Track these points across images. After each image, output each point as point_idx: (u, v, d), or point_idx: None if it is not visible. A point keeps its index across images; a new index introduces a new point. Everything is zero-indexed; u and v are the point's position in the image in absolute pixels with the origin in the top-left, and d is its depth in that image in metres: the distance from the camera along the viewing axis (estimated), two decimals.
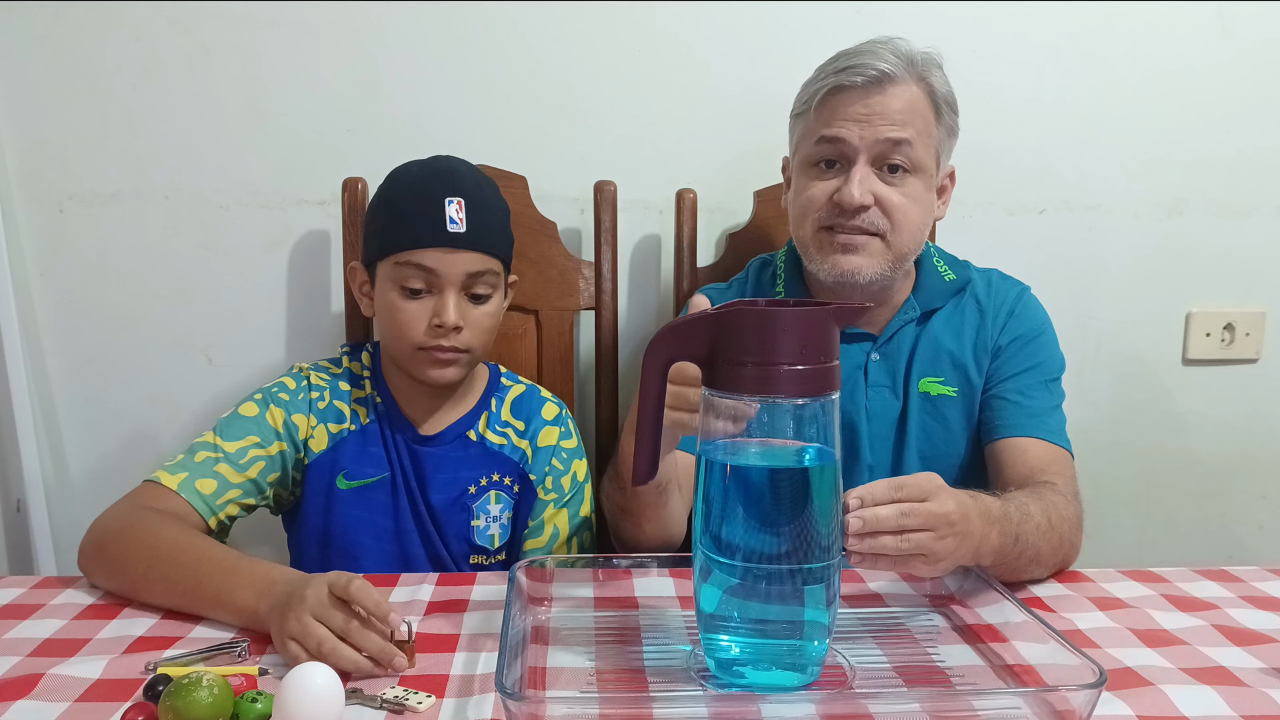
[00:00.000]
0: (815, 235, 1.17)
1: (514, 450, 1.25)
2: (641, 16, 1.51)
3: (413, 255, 1.14)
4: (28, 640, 0.89)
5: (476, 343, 1.17)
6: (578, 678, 0.81)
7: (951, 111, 1.17)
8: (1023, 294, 1.26)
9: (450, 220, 1.13)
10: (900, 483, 0.83)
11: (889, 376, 1.23)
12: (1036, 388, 1.20)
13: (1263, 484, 1.71)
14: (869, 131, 1.12)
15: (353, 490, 1.20)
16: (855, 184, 1.11)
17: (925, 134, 1.14)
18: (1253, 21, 1.56)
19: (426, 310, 1.15)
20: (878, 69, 1.11)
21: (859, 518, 0.80)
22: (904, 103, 1.12)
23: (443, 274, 1.14)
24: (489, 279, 1.17)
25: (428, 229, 1.14)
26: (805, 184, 1.18)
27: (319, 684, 0.71)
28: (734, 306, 0.76)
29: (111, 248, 1.50)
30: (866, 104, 1.12)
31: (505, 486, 1.24)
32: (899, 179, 1.14)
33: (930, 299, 1.23)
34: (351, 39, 1.48)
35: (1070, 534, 1.04)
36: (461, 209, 1.14)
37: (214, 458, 1.13)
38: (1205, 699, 0.78)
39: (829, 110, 1.14)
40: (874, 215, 1.13)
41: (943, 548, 0.84)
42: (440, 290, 1.14)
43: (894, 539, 0.81)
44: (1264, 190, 1.63)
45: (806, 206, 1.17)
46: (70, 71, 1.46)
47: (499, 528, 1.24)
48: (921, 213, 1.16)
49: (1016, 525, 0.95)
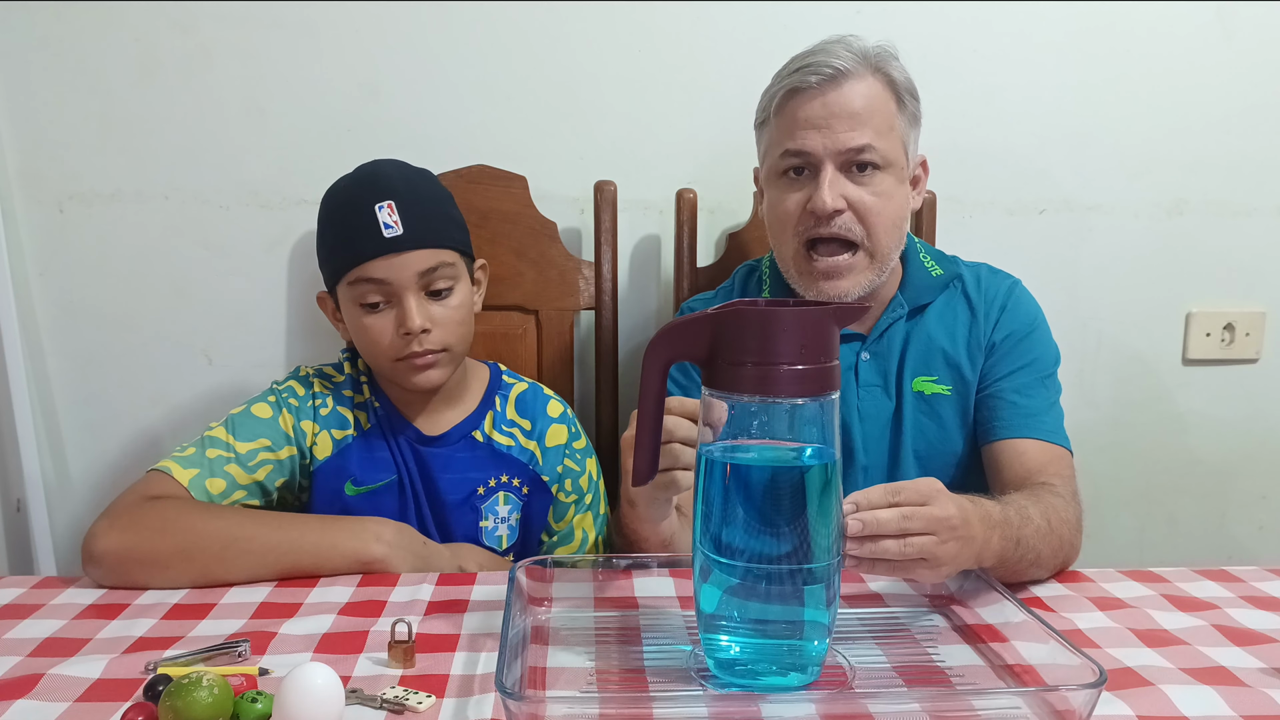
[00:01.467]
0: (795, 257, 1.16)
1: (522, 451, 1.24)
2: (641, 17, 1.51)
3: (361, 270, 1.13)
4: (28, 640, 0.89)
5: (451, 338, 1.16)
6: (578, 678, 0.81)
7: (913, 99, 1.16)
8: (1013, 288, 1.25)
9: (385, 225, 1.11)
10: (898, 488, 0.83)
11: (880, 376, 1.22)
12: (1033, 385, 1.20)
13: (1263, 484, 1.71)
14: (830, 140, 1.11)
15: (361, 496, 1.20)
16: (825, 190, 1.11)
17: (888, 126, 1.13)
18: (1253, 21, 1.56)
19: (391, 321, 1.13)
20: (833, 66, 1.10)
21: (859, 520, 0.80)
22: (863, 98, 1.11)
23: (394, 281, 1.12)
24: (445, 272, 1.15)
25: (366, 240, 1.12)
26: (777, 196, 1.17)
27: (319, 684, 0.71)
28: (734, 306, 0.76)
29: (111, 248, 1.50)
30: (824, 103, 1.11)
31: (514, 488, 1.23)
32: (868, 177, 1.13)
33: (918, 295, 1.23)
34: (351, 39, 1.48)
35: (1070, 536, 1.04)
36: (394, 211, 1.12)
37: (226, 456, 1.13)
38: (1205, 699, 0.78)
39: (788, 117, 1.13)
40: (848, 220, 1.12)
41: (945, 552, 0.84)
42: (398, 297, 1.13)
43: (896, 543, 0.81)
44: (1264, 190, 1.63)
45: (783, 220, 1.16)
46: (70, 71, 1.46)
47: (507, 529, 1.23)
48: (896, 208, 1.15)
49: (1017, 529, 0.95)
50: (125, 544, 1.01)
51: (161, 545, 1.01)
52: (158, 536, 1.02)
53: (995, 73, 1.56)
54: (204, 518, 1.06)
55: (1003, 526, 0.92)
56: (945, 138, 1.54)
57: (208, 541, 1.03)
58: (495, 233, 1.48)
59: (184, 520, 1.05)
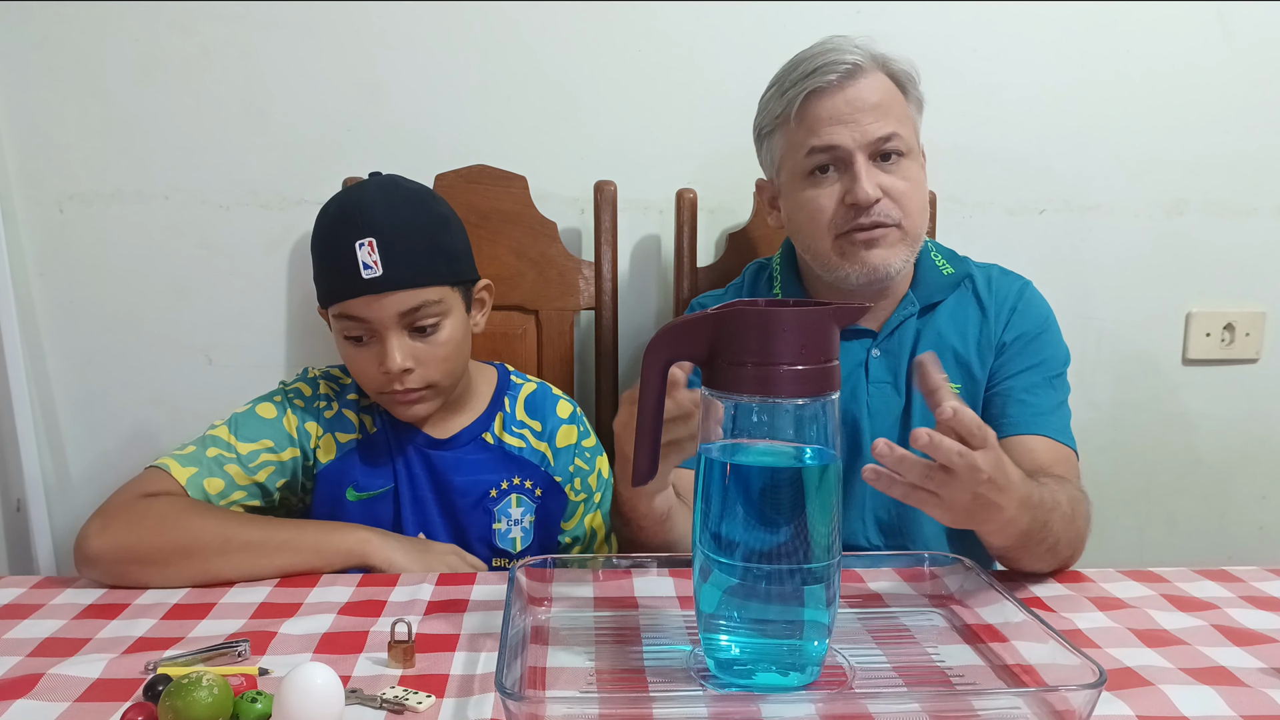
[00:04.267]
0: (835, 244, 1.16)
1: (534, 453, 1.24)
2: (641, 17, 1.51)
3: (342, 307, 1.10)
4: (28, 640, 0.89)
5: (436, 375, 1.13)
6: (578, 678, 0.81)
7: (915, 85, 1.19)
8: (1024, 289, 1.26)
9: (364, 266, 1.06)
10: (980, 422, 0.82)
11: (890, 373, 1.22)
12: (1041, 385, 1.20)
13: (1263, 484, 1.72)
14: (858, 133, 1.13)
15: (360, 502, 1.19)
16: (864, 181, 1.12)
17: (904, 117, 1.16)
18: (1253, 21, 1.56)
19: (374, 356, 1.11)
20: (848, 62, 1.13)
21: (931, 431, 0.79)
22: (878, 93, 1.14)
23: (374, 320, 1.09)
24: (429, 310, 1.10)
25: (344, 280, 1.08)
26: (808, 196, 1.17)
27: (319, 684, 0.71)
28: (734, 306, 0.76)
29: (111, 248, 1.51)
30: (846, 99, 1.13)
31: (527, 490, 1.23)
32: (895, 165, 1.15)
33: (929, 293, 1.23)
34: (351, 39, 1.48)
35: (1084, 528, 1.04)
36: (374, 250, 1.06)
37: (226, 456, 1.12)
38: (1205, 699, 0.78)
39: (811, 118, 1.14)
40: (886, 206, 1.14)
41: (956, 498, 0.82)
42: (380, 335, 1.10)
43: (923, 466, 0.80)
44: (1264, 190, 1.63)
45: (816, 218, 1.16)
46: (70, 71, 1.46)
47: (520, 531, 1.23)
48: (923, 192, 1.18)
49: (1048, 512, 0.95)
50: (120, 543, 1.01)
51: (158, 543, 1.01)
52: (153, 535, 1.01)
53: (995, 73, 1.56)
54: (200, 515, 1.06)
55: (1036, 509, 0.92)
56: (945, 138, 1.54)
57: (206, 538, 1.02)
58: (495, 233, 1.48)
59: (180, 518, 1.04)
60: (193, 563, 1.01)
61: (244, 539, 1.03)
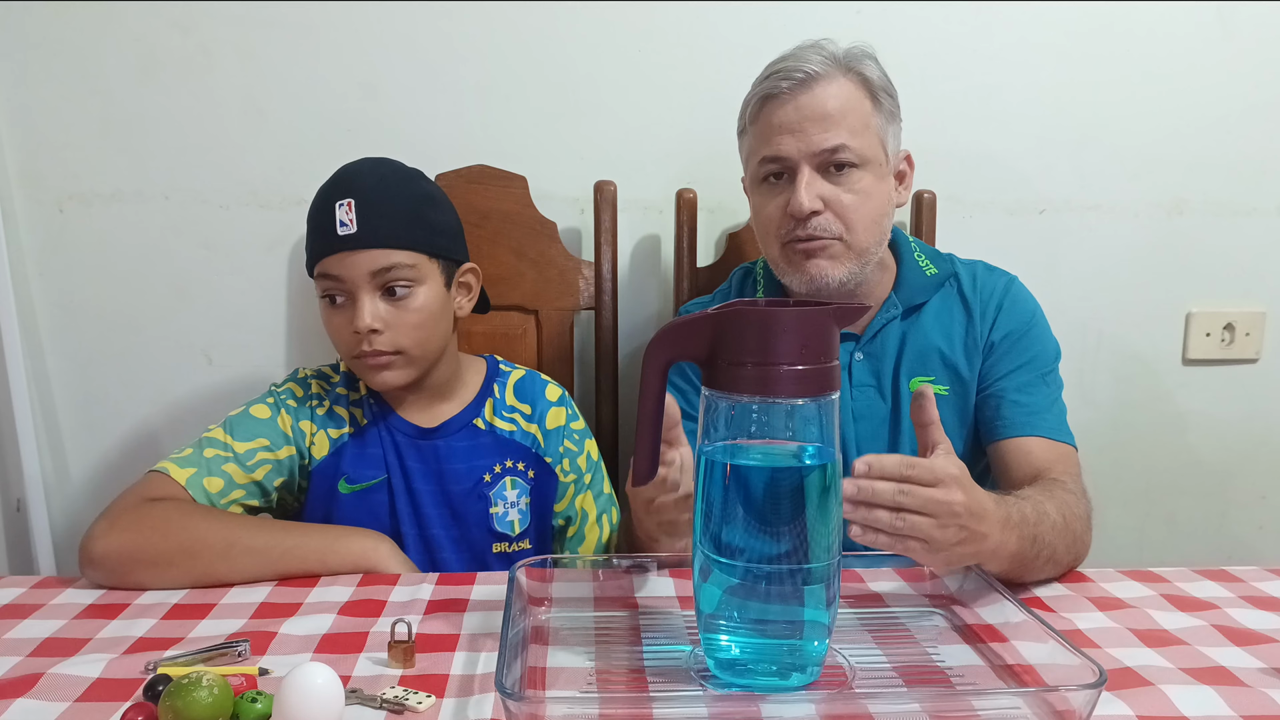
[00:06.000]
0: (781, 252, 1.17)
1: (524, 436, 1.25)
2: (640, 17, 1.51)
3: (321, 265, 1.14)
4: (28, 640, 0.89)
5: (406, 341, 1.14)
6: (578, 678, 0.81)
7: (889, 97, 1.17)
8: (1010, 285, 1.25)
9: (340, 223, 1.12)
10: (914, 462, 0.82)
11: (874, 376, 1.22)
12: (1034, 383, 1.19)
13: (1263, 484, 1.71)
14: (804, 143, 1.12)
15: (353, 494, 1.20)
16: (802, 192, 1.12)
17: (863, 125, 1.13)
18: (1253, 21, 1.56)
19: (348, 318, 1.14)
20: (803, 71, 1.12)
21: (856, 485, 0.80)
22: (836, 100, 1.12)
23: (346, 278, 1.13)
24: (401, 273, 1.13)
25: (322, 237, 1.14)
26: (759, 202, 1.19)
27: (319, 684, 0.71)
28: (734, 306, 0.76)
29: (111, 248, 1.51)
30: (796, 107, 1.12)
31: (520, 473, 1.24)
32: (845, 176, 1.13)
33: (912, 295, 1.23)
34: (351, 39, 1.48)
35: (1082, 532, 1.04)
36: (351, 209, 1.12)
37: (223, 456, 1.13)
38: (1205, 699, 0.78)
39: (764, 124, 1.15)
40: (826, 220, 1.13)
41: (943, 537, 0.83)
42: (354, 296, 1.13)
43: (889, 516, 0.81)
44: (1264, 190, 1.62)
45: (766, 225, 1.18)
46: (70, 71, 1.46)
47: (518, 514, 1.24)
48: (876, 206, 1.15)
49: (1034, 526, 0.95)
50: (125, 546, 1.01)
51: (163, 545, 1.01)
52: (158, 537, 1.02)
53: (995, 73, 1.55)
54: (204, 518, 1.06)
55: (1021, 526, 0.92)
56: (945, 138, 1.54)
57: (210, 541, 1.03)
58: (495, 233, 1.48)
59: (185, 520, 1.05)
60: (196, 566, 1.01)
61: (248, 544, 1.04)
